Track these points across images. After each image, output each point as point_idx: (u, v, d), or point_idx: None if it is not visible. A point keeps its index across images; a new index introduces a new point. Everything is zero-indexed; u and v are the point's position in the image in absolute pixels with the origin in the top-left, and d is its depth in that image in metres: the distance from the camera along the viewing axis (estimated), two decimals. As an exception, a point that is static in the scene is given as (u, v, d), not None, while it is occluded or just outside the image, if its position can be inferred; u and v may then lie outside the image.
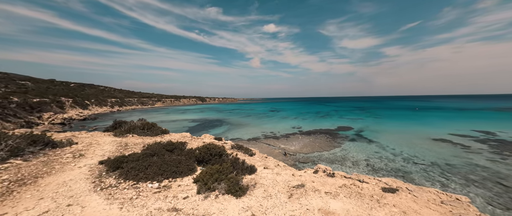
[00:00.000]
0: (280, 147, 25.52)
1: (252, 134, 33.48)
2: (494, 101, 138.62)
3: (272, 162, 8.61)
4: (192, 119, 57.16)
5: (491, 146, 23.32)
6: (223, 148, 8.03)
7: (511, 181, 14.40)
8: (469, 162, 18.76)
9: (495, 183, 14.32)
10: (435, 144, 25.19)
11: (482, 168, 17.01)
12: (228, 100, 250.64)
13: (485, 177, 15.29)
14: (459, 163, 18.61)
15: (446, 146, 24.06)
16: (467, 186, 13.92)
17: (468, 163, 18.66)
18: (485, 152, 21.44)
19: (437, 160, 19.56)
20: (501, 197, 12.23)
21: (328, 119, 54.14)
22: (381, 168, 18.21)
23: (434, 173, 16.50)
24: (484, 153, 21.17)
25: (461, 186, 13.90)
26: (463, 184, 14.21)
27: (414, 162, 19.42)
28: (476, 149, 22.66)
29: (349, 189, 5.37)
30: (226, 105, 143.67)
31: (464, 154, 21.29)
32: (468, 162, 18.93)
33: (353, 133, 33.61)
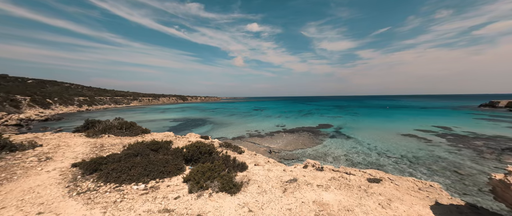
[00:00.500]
0: (265, 145, 25.76)
1: (237, 133, 33.21)
2: (449, 100, 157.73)
3: (262, 159, 8.63)
4: (173, 118, 54.62)
5: (448, 139, 26.48)
6: (213, 146, 7.80)
7: (465, 169, 16.51)
8: (431, 154, 21.00)
9: (453, 172, 16.27)
10: (404, 139, 27.76)
11: (442, 159, 19.19)
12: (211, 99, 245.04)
13: (444, 167, 17.29)
14: (423, 155, 20.73)
15: (413, 141, 26.67)
16: (430, 175, 15.59)
17: (431, 155, 20.88)
18: (444, 145, 24.24)
19: (405, 153, 21.55)
20: (457, 183, 13.96)
21: (310, 117, 56.21)
22: (359, 162, 19.47)
23: (404, 165, 18.15)
24: (443, 146, 23.91)
25: (426, 176, 15.52)
26: (427, 174, 15.87)
27: (387, 156, 21.13)
28: (436, 142, 25.50)
29: (338, 181, 5.64)
30: (209, 104, 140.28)
31: (427, 147, 23.78)
32: (430, 154, 21.17)
33: (333, 130, 35.39)
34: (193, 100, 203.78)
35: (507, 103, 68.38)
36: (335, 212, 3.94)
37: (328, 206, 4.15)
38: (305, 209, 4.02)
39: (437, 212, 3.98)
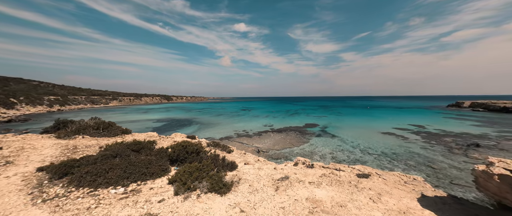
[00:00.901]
0: (253, 145, 25.59)
1: (225, 133, 32.61)
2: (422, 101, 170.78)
3: (252, 158, 8.43)
4: (157, 119, 52.18)
5: (422, 137, 28.49)
6: (201, 145, 7.42)
7: (437, 164, 17.79)
8: (408, 151, 22.36)
9: (427, 166, 17.44)
10: (383, 137, 29.30)
11: (417, 155, 20.51)
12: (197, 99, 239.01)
13: (419, 162, 18.49)
14: (401, 152, 22.00)
15: (391, 138, 28.25)
16: (408, 170, 16.54)
17: (407, 151, 22.23)
18: (419, 142, 25.98)
19: (385, 150, 22.72)
20: (432, 177, 14.98)
21: (297, 117, 57.20)
22: (344, 159, 20.11)
23: (384, 161, 19.09)
24: (418, 143, 25.62)
25: (404, 171, 16.45)
26: (405, 169, 16.83)
27: (368, 153, 22.08)
28: (412, 139, 27.27)
29: (329, 177, 5.65)
30: (195, 104, 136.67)
31: (404, 144, 25.31)
32: (407, 150, 22.54)
33: (319, 129, 36.32)
34: (178, 100, 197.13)
35: (470, 103, 75.97)
36: (328, 208, 3.88)
37: (321, 202, 4.08)
38: (298, 207, 3.91)
39: (424, 204, 4.13)
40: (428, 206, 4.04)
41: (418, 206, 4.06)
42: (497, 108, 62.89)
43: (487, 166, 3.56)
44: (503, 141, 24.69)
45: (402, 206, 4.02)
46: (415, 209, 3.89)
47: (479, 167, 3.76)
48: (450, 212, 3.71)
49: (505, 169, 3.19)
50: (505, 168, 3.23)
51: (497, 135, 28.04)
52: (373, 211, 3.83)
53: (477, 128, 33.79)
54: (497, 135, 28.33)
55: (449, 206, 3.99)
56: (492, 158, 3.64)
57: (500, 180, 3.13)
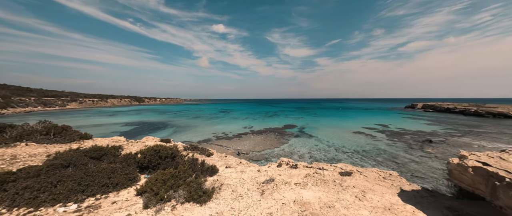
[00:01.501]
0: (233, 147, 24.94)
1: (202, 136, 31.17)
2: (384, 103, 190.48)
3: (233, 160, 7.95)
4: (125, 122, 47.44)
5: (387, 135, 31.44)
6: (177, 149, 6.67)
7: (400, 159, 19.65)
8: (376, 148, 24.32)
9: (392, 161, 19.13)
10: (354, 136, 31.49)
11: (384, 152, 22.43)
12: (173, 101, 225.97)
13: (386, 158, 20.20)
14: (370, 149, 23.81)
15: (361, 137, 30.51)
16: (377, 166, 17.90)
17: (375, 148, 24.17)
18: (384, 140, 28.54)
19: (357, 148, 24.34)
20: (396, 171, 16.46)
21: (276, 118, 58.14)
22: (321, 158, 20.87)
23: (356, 158, 20.37)
24: (383, 141, 28.12)
25: (374, 167, 17.76)
26: (374, 165, 18.16)
27: (343, 151, 23.38)
28: (379, 138, 29.86)
29: (314, 177, 5.56)
30: (171, 106, 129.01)
31: (372, 142, 27.50)
32: (375, 147, 24.50)
33: (297, 130, 37.35)
34: (151, 102, 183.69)
35: (422, 105, 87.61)
36: (317, 210, 3.70)
37: (309, 205, 3.90)
38: (287, 211, 3.64)
39: (404, 199, 4.28)
40: (408, 200, 4.21)
41: (400, 201, 4.19)
42: (442, 109, 73.60)
43: (460, 159, 3.84)
44: (449, 137, 28.64)
45: (385, 203, 4.09)
46: (398, 205, 4.00)
47: (454, 160, 4.05)
48: (428, 205, 3.92)
49: (477, 161, 3.47)
50: (477, 160, 3.52)
51: (444, 132, 32.46)
52: (360, 209, 3.79)
53: (429, 126, 38.74)
54: (444, 132, 32.81)
55: (426, 199, 4.23)
56: (464, 151, 3.97)
57: (474, 172, 3.37)
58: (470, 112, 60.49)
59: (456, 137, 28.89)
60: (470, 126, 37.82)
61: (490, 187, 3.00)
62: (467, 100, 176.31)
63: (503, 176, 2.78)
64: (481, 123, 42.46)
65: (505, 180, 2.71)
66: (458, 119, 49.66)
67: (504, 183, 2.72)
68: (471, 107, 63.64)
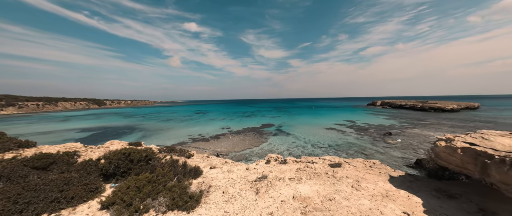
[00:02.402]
0: (211, 148, 23.78)
1: (177, 139, 28.94)
2: (350, 101, 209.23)
3: (217, 160, 7.28)
4: (81, 128, 41.09)
5: (355, 129, 34.27)
6: (152, 151, 5.70)
7: (368, 151, 21.49)
8: (347, 142, 26.15)
9: (362, 153, 20.76)
10: (327, 132, 33.43)
11: (353, 145, 24.25)
12: (140, 103, 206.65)
13: (356, 150, 21.84)
14: (342, 143, 25.49)
15: (333, 132, 32.56)
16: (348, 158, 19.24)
17: (346, 142, 25.98)
18: (353, 134, 30.97)
19: (330, 143, 25.79)
20: None
21: (254, 118, 58.09)
22: (299, 154, 21.42)
23: (331, 152, 21.51)
24: (352, 135, 30.49)
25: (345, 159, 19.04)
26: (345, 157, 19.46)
27: (318, 147, 24.47)
28: (348, 132, 32.29)
29: (305, 171, 5.38)
30: (138, 109, 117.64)
31: (343, 136, 29.53)
32: (346, 141, 26.34)
33: (275, 129, 37.85)
34: (114, 104, 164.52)
35: (380, 102, 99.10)
36: (319, 204, 3.47)
37: (310, 199, 3.64)
38: (288, 209, 3.30)
39: (396, 185, 4.41)
40: (400, 186, 4.35)
41: (393, 188, 4.30)
42: (396, 105, 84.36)
43: (446, 142, 4.11)
44: (403, 129, 32.71)
45: (381, 190, 4.13)
46: (392, 191, 4.08)
47: (441, 143, 4.33)
48: (418, 188, 4.11)
49: (465, 142, 3.75)
50: (464, 141, 3.80)
51: (399, 125, 37.00)
52: (360, 199, 3.71)
53: (387, 121, 43.71)
54: (399, 125, 37.39)
55: (415, 183, 4.45)
56: (448, 134, 4.27)
57: (462, 153, 3.62)
58: (417, 108, 70.68)
59: (409, 129, 33.13)
60: (418, 119, 44.02)
61: (479, 165, 3.22)
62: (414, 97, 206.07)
63: (492, 154, 3.00)
64: (426, 116, 49.96)
65: (495, 158, 2.93)
66: (408, 114, 57.42)
67: (496, 160, 2.93)
68: (418, 103, 74.50)
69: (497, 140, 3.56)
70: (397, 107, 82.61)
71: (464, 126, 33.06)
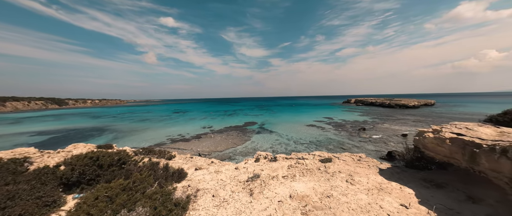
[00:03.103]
0: (192, 149, 22.67)
1: (154, 140, 26.96)
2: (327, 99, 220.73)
3: (202, 161, 6.71)
4: (37, 131, 35.77)
5: (333, 126, 36.09)
6: (126, 154, 4.93)
7: (345, 145, 22.72)
8: (326, 138, 27.33)
9: (340, 148, 21.87)
10: (308, 129, 34.59)
11: (333, 140, 25.45)
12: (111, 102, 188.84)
13: (335, 145, 22.94)
14: (322, 139, 26.56)
15: (314, 129, 33.82)
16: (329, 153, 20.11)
17: (326, 138, 27.15)
18: (332, 130, 32.54)
19: (312, 139, 26.67)
20: None
21: (236, 116, 57.37)
22: (283, 151, 21.68)
23: (312, 148, 22.24)
24: (331, 131, 32.02)
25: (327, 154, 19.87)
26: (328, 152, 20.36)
27: (300, 143, 25.11)
28: (327, 129, 33.85)
29: (297, 168, 5.22)
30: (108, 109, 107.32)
31: (323, 133, 30.83)
32: (326, 137, 27.53)
33: (258, 127, 37.85)
34: (78, 104, 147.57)
35: (354, 100, 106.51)
36: (318, 202, 3.30)
37: (308, 197, 3.45)
38: (287, 210, 3.05)
39: (386, 177, 4.50)
40: (390, 178, 4.45)
41: (384, 180, 4.38)
42: (368, 102, 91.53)
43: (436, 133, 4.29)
44: (375, 125, 35.48)
45: (374, 183, 4.16)
46: (385, 183, 4.14)
47: (429, 135, 4.51)
48: (407, 179, 4.25)
49: (452, 133, 3.94)
50: (451, 132, 4.00)
51: (372, 121, 40.08)
52: (357, 194, 3.65)
53: (361, 117, 47.02)
54: (371, 120, 40.51)
55: (402, 174, 4.60)
56: (434, 126, 4.50)
57: (451, 143, 3.79)
58: (385, 105, 77.56)
59: (380, 124, 36.05)
60: (387, 115, 48.23)
61: (468, 155, 3.38)
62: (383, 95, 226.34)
63: (480, 143, 3.17)
64: (393, 112, 55.08)
65: (484, 146, 3.09)
66: (378, 110, 62.66)
67: (485, 148, 3.09)
68: (386, 101, 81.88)
69: (480, 130, 3.84)
70: (369, 104, 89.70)
71: (424, 120, 37.28)
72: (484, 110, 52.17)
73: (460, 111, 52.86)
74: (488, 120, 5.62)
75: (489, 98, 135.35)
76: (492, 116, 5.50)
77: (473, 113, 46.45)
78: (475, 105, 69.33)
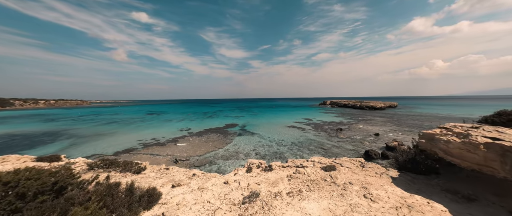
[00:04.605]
0: (168, 154, 20.49)
1: (122, 146, 23.78)
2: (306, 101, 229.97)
3: (181, 172, 5.37)
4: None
5: (313, 127, 36.95)
6: (68, 172, 3.41)
7: (325, 146, 23.09)
8: (307, 138, 27.58)
9: (320, 148, 22.10)
10: (289, 130, 34.73)
11: (313, 141, 25.74)
12: (70, 103, 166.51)
13: (316, 146, 23.16)
14: (303, 140, 26.70)
15: (295, 130, 34.06)
16: (311, 154, 20.01)
17: (307, 139, 27.39)
18: (311, 131, 33.15)
19: (293, 140, 26.62)
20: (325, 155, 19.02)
21: (216, 118, 55.17)
22: (266, 154, 20.99)
23: (294, 149, 22.07)
24: (311, 132, 32.61)
25: (308, 154, 19.77)
26: (308, 153, 20.29)
27: (283, 145, 24.80)
28: (307, 129, 34.44)
29: (299, 179, 4.38)
30: (67, 110, 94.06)
31: (303, 133, 31.16)
32: (307, 138, 27.77)
33: (239, 129, 36.69)
34: (27, 105, 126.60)
35: (330, 102, 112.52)
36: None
37: (328, 224, 2.61)
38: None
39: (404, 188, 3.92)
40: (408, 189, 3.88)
41: (405, 193, 3.77)
42: (342, 104, 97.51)
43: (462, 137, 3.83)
44: (350, 125, 37.38)
45: (396, 198, 3.53)
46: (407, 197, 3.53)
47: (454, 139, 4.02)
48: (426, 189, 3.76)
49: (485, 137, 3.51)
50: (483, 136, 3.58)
51: (347, 121, 42.25)
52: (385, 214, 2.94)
53: (337, 118, 49.37)
54: (346, 121, 42.70)
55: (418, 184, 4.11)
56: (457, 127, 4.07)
57: (486, 149, 3.33)
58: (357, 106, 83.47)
59: (354, 125, 38.12)
60: (359, 116, 51.61)
61: (510, 163, 2.94)
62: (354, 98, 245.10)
63: None
64: (364, 113, 59.40)
65: None
66: (352, 112, 66.95)
67: None
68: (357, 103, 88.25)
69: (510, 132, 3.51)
70: (343, 106, 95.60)
71: (391, 121, 40.76)
72: (437, 111, 59.64)
73: (419, 112, 59.56)
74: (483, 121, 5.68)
75: (438, 101, 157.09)
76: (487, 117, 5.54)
77: (431, 114, 52.54)
78: (429, 107, 79.22)
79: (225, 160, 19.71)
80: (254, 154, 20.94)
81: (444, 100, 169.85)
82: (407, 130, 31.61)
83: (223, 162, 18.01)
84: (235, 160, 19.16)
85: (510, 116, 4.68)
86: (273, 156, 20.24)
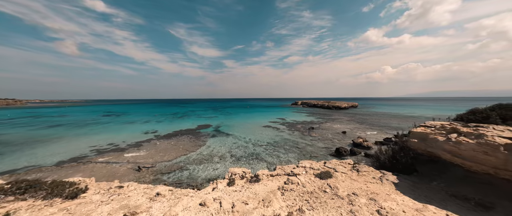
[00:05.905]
0: (128, 161, 17.57)
1: (68, 153, 19.50)
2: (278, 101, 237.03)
3: (140, 192, 3.96)
4: None
5: (286, 126, 37.68)
6: None
7: (300, 145, 23.50)
8: (282, 138, 27.75)
9: (295, 147, 22.36)
10: (265, 130, 34.58)
11: (288, 140, 26.01)
12: None
13: (291, 145, 23.36)
14: (279, 140, 26.74)
15: (270, 130, 34.08)
16: (286, 153, 20.01)
17: (282, 138, 27.55)
18: (286, 130, 33.67)
19: (269, 140, 26.41)
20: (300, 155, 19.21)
21: (187, 119, 51.46)
22: (242, 156, 20.06)
23: (270, 150, 21.81)
24: (286, 131, 33.10)
25: (284, 154, 19.70)
26: (284, 153, 20.26)
27: (259, 145, 24.28)
28: (282, 129, 34.89)
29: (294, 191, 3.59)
30: (-12, 111, 75.04)
31: (278, 133, 31.35)
32: (282, 138, 27.93)
33: (212, 130, 34.76)
34: None
35: (301, 102, 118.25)
36: None
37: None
38: None
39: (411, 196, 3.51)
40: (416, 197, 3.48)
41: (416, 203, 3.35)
42: (312, 104, 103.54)
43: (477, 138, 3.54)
44: (321, 124, 39.52)
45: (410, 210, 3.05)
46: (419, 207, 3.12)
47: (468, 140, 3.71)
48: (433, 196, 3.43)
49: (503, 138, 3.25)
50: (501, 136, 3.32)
51: (317, 121, 44.64)
52: None
53: (308, 117, 51.78)
54: (317, 120, 45.11)
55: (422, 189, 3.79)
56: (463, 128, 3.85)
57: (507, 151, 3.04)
58: (325, 106, 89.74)
59: (324, 123, 40.44)
60: (328, 116, 55.21)
61: None
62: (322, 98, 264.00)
63: None
64: (331, 113, 64.12)
65: None
66: (321, 111, 71.41)
67: None
68: (325, 103, 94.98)
69: None
70: (312, 106, 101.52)
71: (354, 119, 44.74)
72: (391, 110, 68.44)
73: (376, 111, 67.31)
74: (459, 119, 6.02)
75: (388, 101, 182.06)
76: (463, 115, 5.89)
77: (388, 113, 59.69)
78: (383, 107, 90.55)
79: (198, 164, 17.99)
80: (229, 156, 19.77)
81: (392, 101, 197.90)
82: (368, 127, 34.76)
83: (196, 167, 16.32)
84: (209, 164, 17.63)
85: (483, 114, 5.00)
86: (249, 157, 19.44)
